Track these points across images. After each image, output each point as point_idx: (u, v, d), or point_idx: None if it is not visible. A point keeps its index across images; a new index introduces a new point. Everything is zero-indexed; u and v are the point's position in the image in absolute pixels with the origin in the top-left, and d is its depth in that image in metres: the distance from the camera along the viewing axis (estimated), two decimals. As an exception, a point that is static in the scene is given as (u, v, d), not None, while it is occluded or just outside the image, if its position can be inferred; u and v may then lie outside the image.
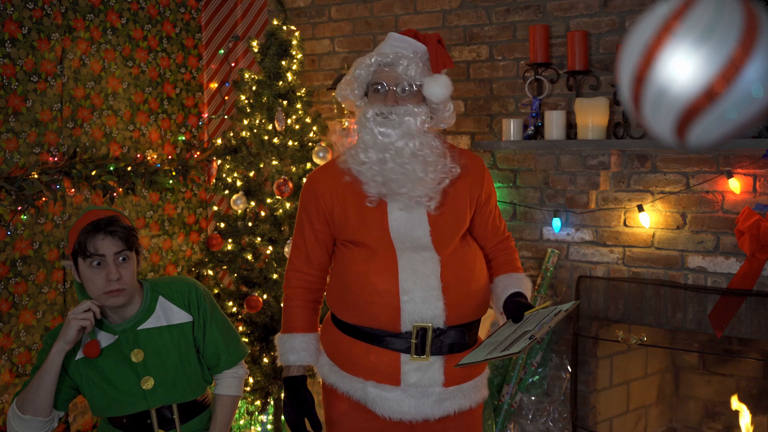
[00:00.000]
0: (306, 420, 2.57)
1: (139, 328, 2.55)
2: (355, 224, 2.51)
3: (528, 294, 2.57)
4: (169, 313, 2.59)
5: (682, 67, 1.21)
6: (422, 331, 2.41)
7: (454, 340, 2.45)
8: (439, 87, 2.50)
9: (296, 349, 2.58)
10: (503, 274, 2.63)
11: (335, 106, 4.35)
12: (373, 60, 2.51)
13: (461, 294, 2.46)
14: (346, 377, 2.52)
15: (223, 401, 2.70)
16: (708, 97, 1.21)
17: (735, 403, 3.84)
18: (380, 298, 2.43)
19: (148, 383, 2.52)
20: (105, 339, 2.54)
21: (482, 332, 2.70)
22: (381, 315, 2.43)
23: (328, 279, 2.66)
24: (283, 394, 4.15)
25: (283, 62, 4.17)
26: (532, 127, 3.74)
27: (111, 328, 2.54)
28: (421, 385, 2.43)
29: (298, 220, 2.63)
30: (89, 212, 2.51)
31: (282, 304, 2.65)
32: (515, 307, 2.44)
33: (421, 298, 2.40)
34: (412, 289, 2.40)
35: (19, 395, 2.50)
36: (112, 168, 3.93)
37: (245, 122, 4.19)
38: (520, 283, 2.59)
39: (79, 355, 2.53)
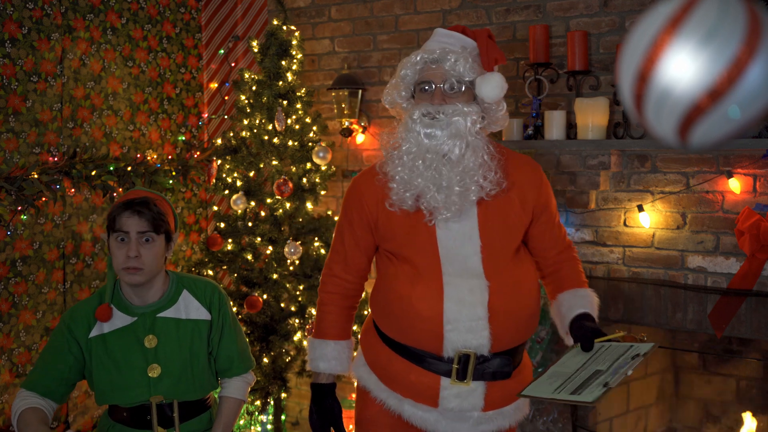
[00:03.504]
0: (332, 429, 2.52)
1: (159, 315, 2.59)
2: (401, 238, 2.38)
3: (595, 313, 2.41)
4: (189, 308, 2.63)
5: (686, 68, 1.21)
6: (465, 357, 2.31)
7: (497, 368, 2.34)
8: (491, 85, 2.32)
9: (327, 357, 2.50)
10: (568, 290, 2.46)
11: (335, 106, 4.35)
12: (419, 58, 2.35)
13: (509, 321, 2.34)
14: (383, 390, 2.44)
15: (229, 403, 2.71)
16: (711, 98, 1.21)
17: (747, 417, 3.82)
18: (423, 323, 2.32)
19: (155, 371, 2.55)
20: (122, 320, 2.57)
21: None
22: (423, 339, 2.34)
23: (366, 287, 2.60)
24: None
25: (283, 62, 4.17)
26: (532, 127, 3.74)
27: (131, 309, 2.58)
28: (460, 410, 2.34)
29: (339, 223, 2.52)
30: (132, 191, 2.61)
31: (316, 307, 2.61)
32: (584, 333, 2.28)
33: (465, 328, 2.29)
34: (456, 318, 2.28)
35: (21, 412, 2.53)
36: (112, 168, 3.93)
37: (245, 122, 4.19)
38: (585, 301, 2.42)
39: (94, 333, 2.56)
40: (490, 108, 2.37)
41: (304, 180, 4.17)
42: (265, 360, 4.07)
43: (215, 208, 4.54)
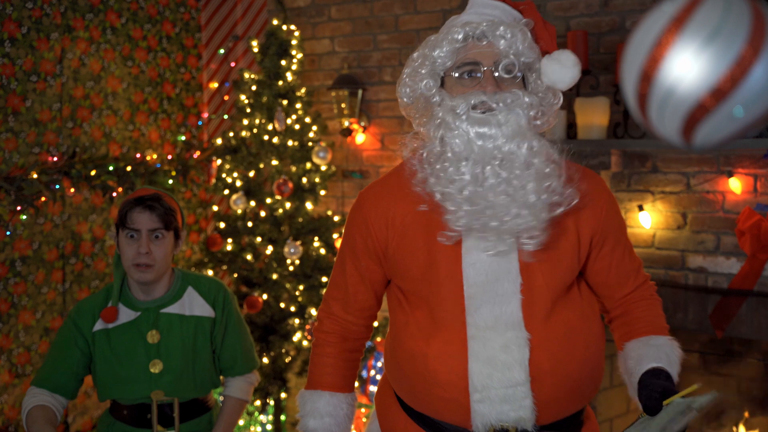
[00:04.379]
0: None
1: (162, 310, 2.60)
2: (417, 272, 1.83)
3: (674, 368, 1.85)
4: (194, 304, 2.64)
5: (690, 67, 1.21)
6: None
7: None
8: (567, 66, 1.78)
9: (320, 412, 1.98)
10: (637, 337, 1.91)
11: (335, 106, 4.34)
12: (460, 36, 1.76)
13: (559, 385, 1.79)
14: None
15: (231, 402, 2.72)
16: (715, 97, 1.21)
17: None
18: (442, 391, 1.79)
19: (157, 367, 2.55)
20: (126, 315, 2.58)
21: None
22: (444, 411, 1.81)
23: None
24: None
25: (283, 62, 4.17)
26: (533, 127, 3.73)
27: (135, 304, 2.59)
28: None
29: (341, 249, 2.00)
30: (141, 189, 2.62)
31: (310, 353, 2.12)
32: (649, 393, 1.74)
33: (499, 398, 1.75)
34: (486, 385, 1.74)
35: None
36: (111, 168, 3.93)
37: (245, 122, 4.19)
38: (660, 353, 1.85)
39: (97, 327, 2.57)
40: (544, 99, 1.84)
41: (304, 180, 4.16)
42: (265, 360, 4.07)
43: (215, 208, 4.54)
